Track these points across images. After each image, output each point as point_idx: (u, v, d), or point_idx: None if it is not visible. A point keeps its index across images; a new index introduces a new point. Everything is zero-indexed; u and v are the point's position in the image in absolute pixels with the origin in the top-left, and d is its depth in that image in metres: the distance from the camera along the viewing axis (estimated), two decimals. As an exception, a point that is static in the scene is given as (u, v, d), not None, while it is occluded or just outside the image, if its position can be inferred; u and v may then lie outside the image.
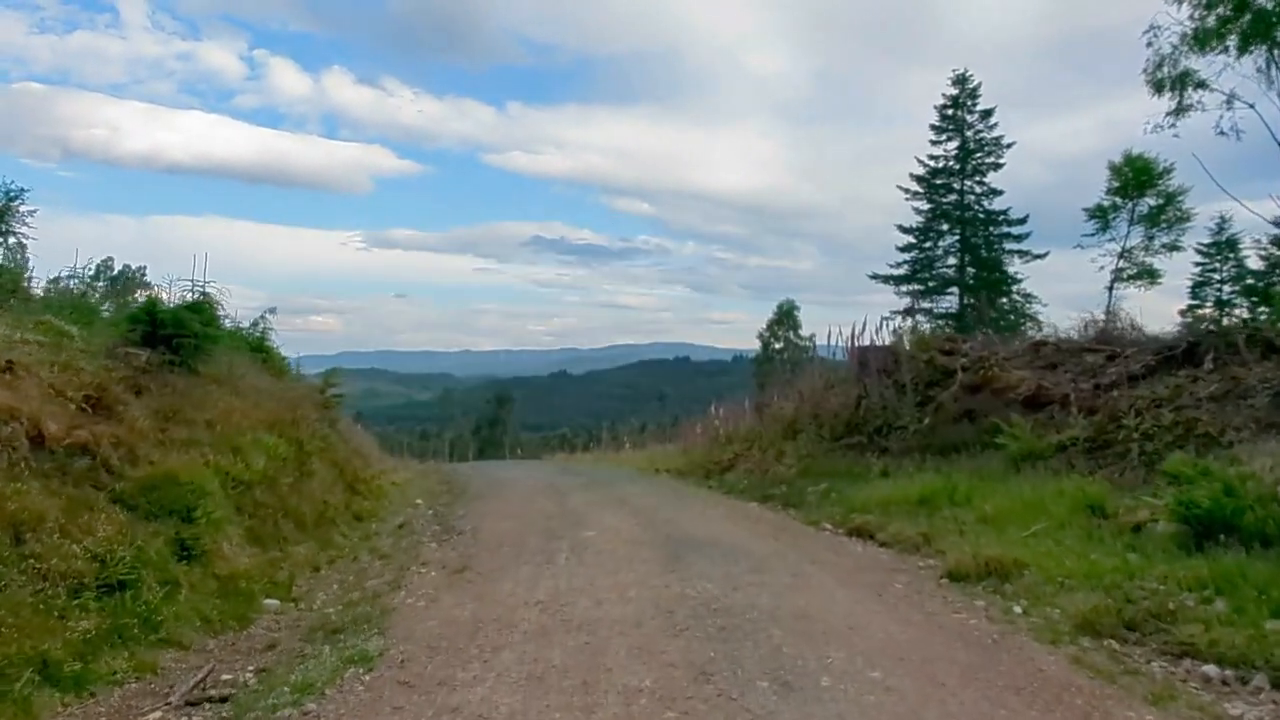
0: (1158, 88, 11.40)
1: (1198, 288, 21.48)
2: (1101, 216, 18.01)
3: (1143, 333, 9.69)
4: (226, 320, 14.62)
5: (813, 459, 9.73)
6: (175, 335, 8.00)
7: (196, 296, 9.59)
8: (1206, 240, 20.13)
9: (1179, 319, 15.75)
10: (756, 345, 48.85)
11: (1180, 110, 11.39)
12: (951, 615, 4.54)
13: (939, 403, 8.98)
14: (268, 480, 7.55)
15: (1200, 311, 19.91)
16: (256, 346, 14.37)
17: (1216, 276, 22.01)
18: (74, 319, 8.03)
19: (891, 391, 9.47)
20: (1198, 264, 21.28)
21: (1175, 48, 11.10)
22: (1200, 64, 11.10)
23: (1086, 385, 7.76)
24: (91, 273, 12.28)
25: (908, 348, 10.16)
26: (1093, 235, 18.31)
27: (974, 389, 8.83)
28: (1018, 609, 4.64)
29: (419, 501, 11.35)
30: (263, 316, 14.68)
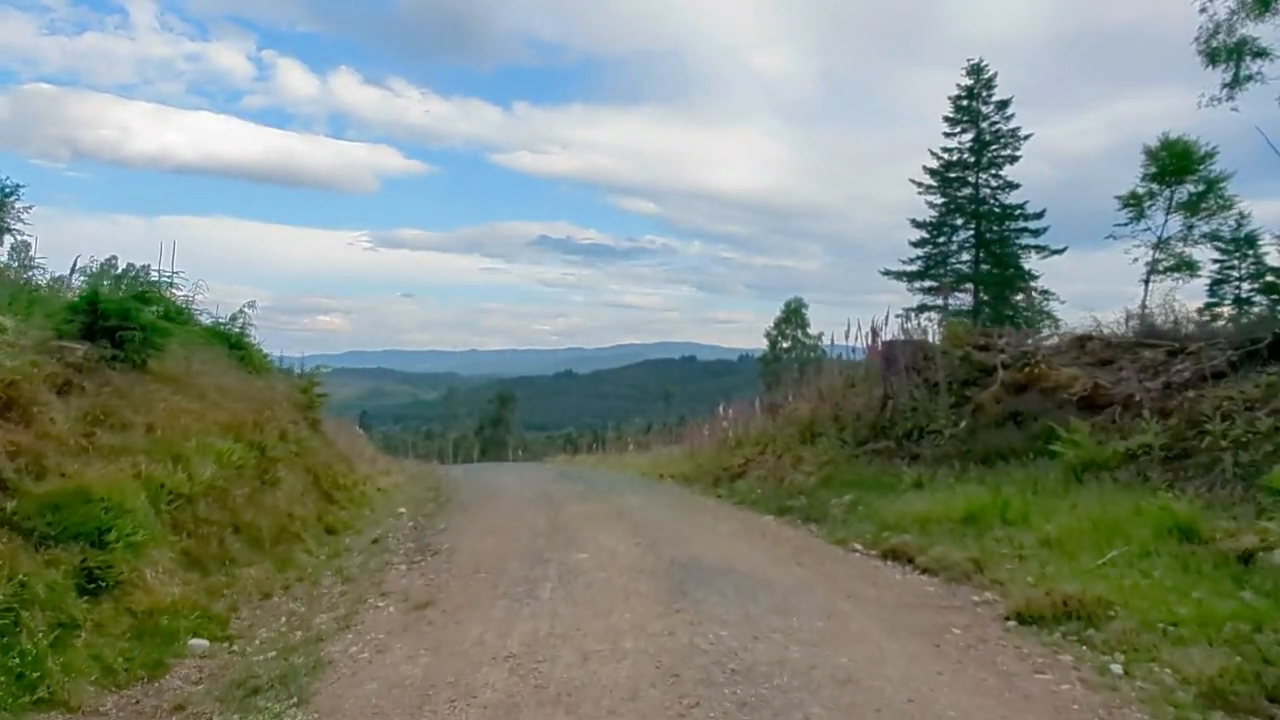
0: (1212, 59, 10.37)
1: (1216, 285, 20.37)
2: (1136, 204, 16.83)
3: (1203, 327, 8.67)
4: (204, 315, 13.78)
5: (834, 466, 8.75)
6: (120, 327, 7.11)
7: (144, 285, 8.71)
8: (1226, 237, 19.05)
9: (1197, 317, 14.66)
10: (762, 345, 47.96)
11: (1237, 82, 10.37)
12: (1034, 677, 3.56)
13: (978, 404, 7.98)
14: (216, 492, 6.63)
15: (1219, 310, 18.81)
16: (235, 343, 13.50)
17: (1235, 274, 20.94)
18: (14, 310, 7.16)
19: (923, 391, 8.47)
20: (1216, 260, 20.20)
21: (1233, 13, 10.08)
22: (1261, 30, 10.07)
23: (1154, 384, 6.77)
24: (95, 271, 11.81)
25: (938, 342, 9.16)
26: (1126, 225, 17.13)
27: (1019, 388, 7.82)
28: (1116, 667, 3.65)
29: (402, 510, 10.44)
30: (242, 310, 13.80)
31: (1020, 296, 30.79)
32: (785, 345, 50.64)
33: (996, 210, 32.22)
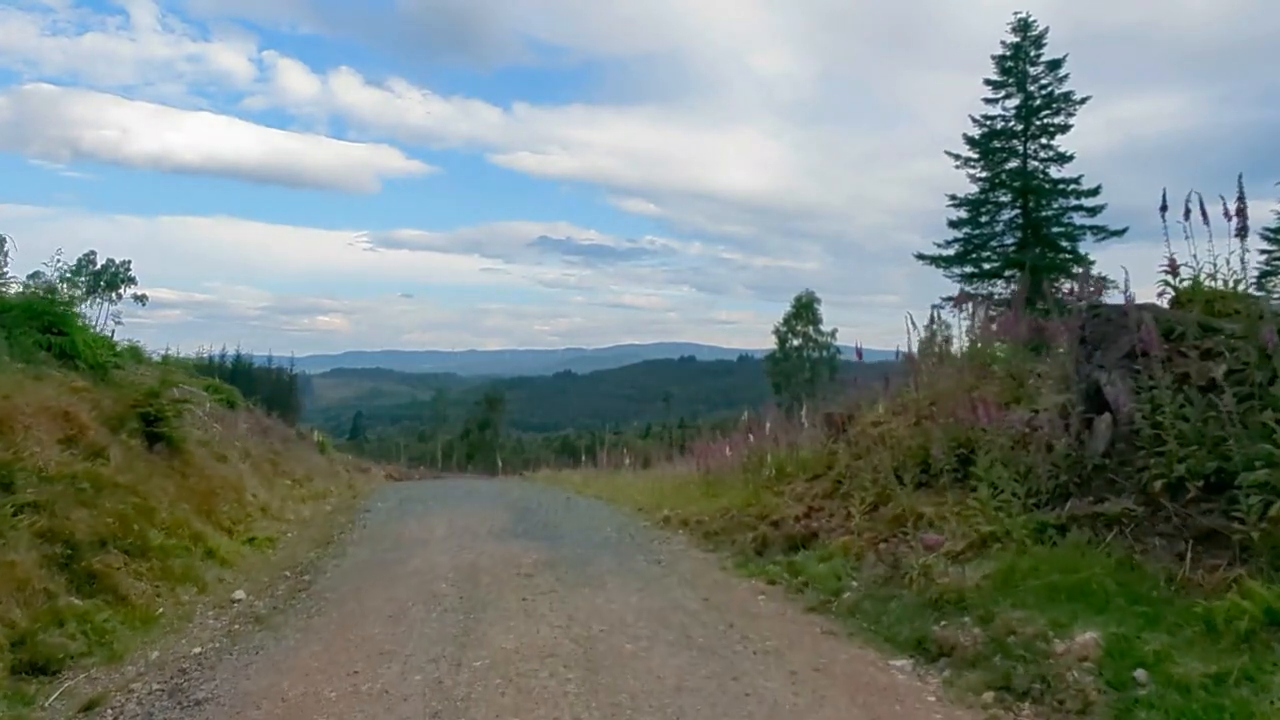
0: None
1: (1263, 278, 16.32)
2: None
3: None
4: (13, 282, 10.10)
5: (1015, 547, 4.44)
6: None
7: None
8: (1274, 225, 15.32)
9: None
10: (762, 345, 44.12)
11: None
12: None
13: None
14: None
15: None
16: (53, 321, 9.54)
17: (1287, 265, 17.02)
18: None
19: (1201, 403, 4.16)
20: (1264, 251, 16.42)
21: None
22: None
23: None
24: (73, 267, 11.08)
25: (1196, 312, 4.84)
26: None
27: None
28: None
29: (239, 596, 6.21)
30: (62, 279, 9.87)
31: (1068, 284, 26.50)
32: (795, 343, 46.29)
33: (1046, 185, 28.15)
